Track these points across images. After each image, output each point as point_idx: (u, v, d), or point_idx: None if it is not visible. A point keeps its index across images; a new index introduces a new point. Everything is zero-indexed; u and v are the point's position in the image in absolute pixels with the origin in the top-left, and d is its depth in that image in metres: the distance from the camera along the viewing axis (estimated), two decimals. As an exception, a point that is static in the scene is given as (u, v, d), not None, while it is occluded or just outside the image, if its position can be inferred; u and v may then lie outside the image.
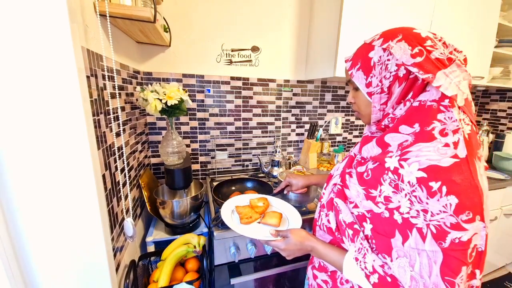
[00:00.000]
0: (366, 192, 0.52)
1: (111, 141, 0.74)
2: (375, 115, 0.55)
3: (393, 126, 0.51)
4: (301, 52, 1.44)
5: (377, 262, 0.49)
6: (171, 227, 1.04)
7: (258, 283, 1.02)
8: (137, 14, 0.72)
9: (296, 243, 0.61)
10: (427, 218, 0.42)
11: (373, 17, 1.11)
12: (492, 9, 1.35)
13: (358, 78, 0.54)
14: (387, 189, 0.48)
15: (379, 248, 0.49)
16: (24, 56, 0.51)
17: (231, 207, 0.80)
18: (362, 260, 0.50)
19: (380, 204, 0.49)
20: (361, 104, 0.57)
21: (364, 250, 0.51)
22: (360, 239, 0.52)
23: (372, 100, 0.53)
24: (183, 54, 1.25)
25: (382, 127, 0.55)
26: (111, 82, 0.74)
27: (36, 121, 0.54)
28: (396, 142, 0.49)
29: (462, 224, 0.40)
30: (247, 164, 1.52)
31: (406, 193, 0.44)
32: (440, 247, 0.41)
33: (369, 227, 0.51)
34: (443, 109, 0.45)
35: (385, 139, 0.52)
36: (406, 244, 0.45)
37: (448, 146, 0.43)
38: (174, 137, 1.02)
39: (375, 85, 0.51)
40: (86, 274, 0.66)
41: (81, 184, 0.60)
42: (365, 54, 0.52)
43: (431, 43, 0.46)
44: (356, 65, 0.54)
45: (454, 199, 0.40)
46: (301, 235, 0.63)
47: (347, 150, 1.74)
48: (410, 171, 0.44)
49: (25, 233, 0.59)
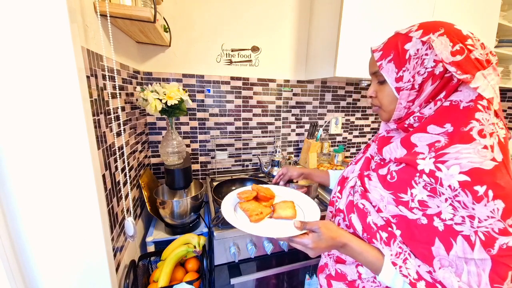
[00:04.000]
0: (395, 196, 0.49)
1: (111, 141, 0.74)
2: (398, 112, 0.51)
3: (420, 126, 0.48)
4: (301, 52, 1.44)
5: (422, 268, 0.45)
6: (171, 227, 1.04)
7: (258, 283, 1.02)
8: (137, 14, 0.72)
9: (328, 239, 0.51)
10: (474, 225, 0.40)
11: (373, 17, 1.11)
12: (492, 9, 1.35)
13: (388, 71, 0.49)
14: (421, 192, 0.45)
15: (417, 255, 0.46)
16: (24, 56, 0.51)
17: (231, 205, 0.69)
18: (403, 266, 0.46)
19: (416, 210, 0.45)
20: (384, 99, 0.53)
21: (405, 255, 0.47)
22: (399, 242, 0.48)
23: (400, 96, 0.49)
24: (183, 54, 1.25)
25: (404, 126, 0.52)
26: (111, 82, 0.74)
27: (36, 121, 0.54)
28: (424, 143, 0.47)
29: (509, 229, 0.39)
30: (247, 164, 1.52)
31: (446, 198, 0.42)
32: (489, 254, 0.39)
33: (397, 232, 0.48)
34: (481, 109, 0.43)
35: (411, 139, 0.49)
36: (451, 253, 0.42)
37: (487, 148, 0.41)
38: (174, 137, 1.02)
39: (406, 80, 0.48)
40: (86, 274, 0.66)
41: (81, 184, 0.60)
42: (400, 46, 0.48)
43: (471, 42, 0.43)
44: (387, 56, 0.49)
45: (501, 203, 0.38)
46: (332, 229, 0.53)
47: (347, 150, 1.74)
48: (451, 174, 0.41)
49: (25, 233, 0.59)
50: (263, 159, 1.46)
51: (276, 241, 0.96)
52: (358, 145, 1.76)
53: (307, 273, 1.07)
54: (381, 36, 1.11)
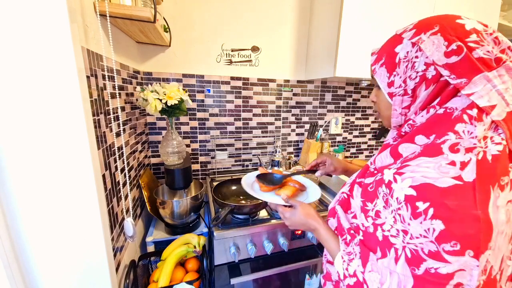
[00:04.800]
0: (363, 204, 0.50)
1: (111, 141, 0.74)
2: (395, 119, 0.49)
3: (409, 135, 0.46)
4: (301, 52, 1.44)
5: (359, 269, 0.47)
6: (171, 227, 1.04)
7: (258, 283, 1.02)
8: (137, 14, 0.72)
9: (301, 217, 0.62)
10: (405, 240, 0.39)
11: (373, 17, 1.11)
12: (492, 9, 1.35)
13: (380, 75, 0.48)
14: (380, 203, 0.44)
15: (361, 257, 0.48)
16: (24, 56, 0.51)
17: (252, 178, 0.86)
18: (348, 262, 0.50)
19: (370, 218, 0.47)
20: (381, 105, 0.52)
21: (353, 256, 0.49)
22: (354, 244, 0.51)
23: (393, 102, 0.47)
24: (183, 54, 1.25)
25: (401, 133, 0.49)
26: (111, 82, 0.74)
27: (36, 121, 0.54)
28: (408, 154, 0.45)
29: (443, 254, 0.35)
30: (247, 164, 1.52)
31: (392, 210, 0.41)
32: (412, 273, 0.38)
33: (358, 237, 0.50)
34: (466, 119, 0.38)
35: (398, 149, 0.47)
36: (379, 261, 0.43)
37: (454, 165, 0.36)
38: (174, 137, 1.02)
39: (398, 85, 0.45)
40: (86, 274, 0.66)
41: (81, 184, 0.60)
42: (391, 48, 0.45)
43: (475, 38, 0.37)
44: (380, 59, 0.47)
45: (440, 224, 0.35)
46: (308, 212, 0.63)
47: (347, 150, 1.74)
48: (402, 186, 0.39)
49: (25, 233, 0.59)
50: (263, 159, 1.46)
51: (276, 241, 0.97)
52: (358, 145, 1.76)
53: (307, 273, 1.07)
54: (381, 36, 1.12)
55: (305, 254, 1.04)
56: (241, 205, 0.95)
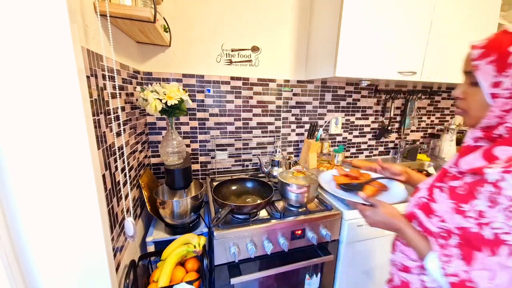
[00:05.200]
0: (456, 206, 0.48)
1: (111, 141, 0.74)
2: (488, 120, 0.46)
3: (508, 138, 0.44)
4: (301, 52, 1.44)
5: (462, 268, 0.45)
6: (171, 227, 1.04)
7: (258, 283, 1.02)
8: (137, 14, 0.72)
9: (384, 216, 0.62)
10: None
11: (373, 17, 1.11)
12: (492, 9, 1.35)
13: (484, 73, 0.44)
14: (482, 203, 0.43)
15: (464, 258, 0.47)
16: (24, 56, 0.51)
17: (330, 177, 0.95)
18: (446, 262, 0.47)
19: (471, 219, 0.45)
20: (473, 104, 0.48)
21: (452, 258, 0.47)
22: (451, 246, 0.48)
23: (495, 103, 0.44)
24: (183, 54, 1.25)
25: (492, 135, 0.47)
26: (111, 82, 0.74)
27: (36, 121, 0.54)
28: (507, 157, 0.43)
29: None
30: (247, 164, 1.52)
31: (503, 208, 0.40)
32: None
33: (452, 242, 0.48)
34: None
35: (494, 152, 0.45)
36: (488, 259, 0.42)
37: None
38: (174, 137, 1.02)
39: (505, 87, 0.42)
40: (86, 274, 0.66)
41: (81, 184, 0.60)
42: (504, 47, 0.42)
43: None
44: (487, 56, 0.44)
45: None
46: (392, 212, 0.62)
47: (347, 150, 1.74)
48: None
49: (25, 233, 0.59)
50: (263, 159, 1.46)
51: (276, 241, 0.97)
52: (358, 145, 1.76)
53: (307, 273, 1.07)
54: (381, 36, 1.12)
55: (305, 254, 1.03)
56: (241, 205, 0.95)
